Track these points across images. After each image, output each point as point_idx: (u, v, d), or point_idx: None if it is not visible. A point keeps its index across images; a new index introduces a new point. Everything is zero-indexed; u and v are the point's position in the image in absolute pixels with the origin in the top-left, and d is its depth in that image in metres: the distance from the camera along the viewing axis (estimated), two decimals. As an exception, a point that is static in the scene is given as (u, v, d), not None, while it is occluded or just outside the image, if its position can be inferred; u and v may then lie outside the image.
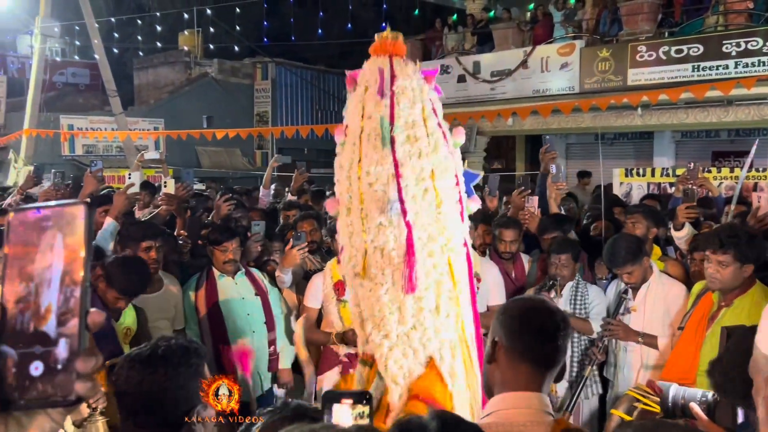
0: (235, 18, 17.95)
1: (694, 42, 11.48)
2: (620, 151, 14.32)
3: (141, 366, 1.74)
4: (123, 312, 3.34)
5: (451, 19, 15.84)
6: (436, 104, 2.08)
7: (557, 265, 4.12)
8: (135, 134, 15.52)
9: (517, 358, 1.71)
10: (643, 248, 3.95)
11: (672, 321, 3.83)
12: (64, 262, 0.66)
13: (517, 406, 1.66)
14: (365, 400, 1.44)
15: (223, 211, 4.62)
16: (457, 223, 2.05)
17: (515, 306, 1.85)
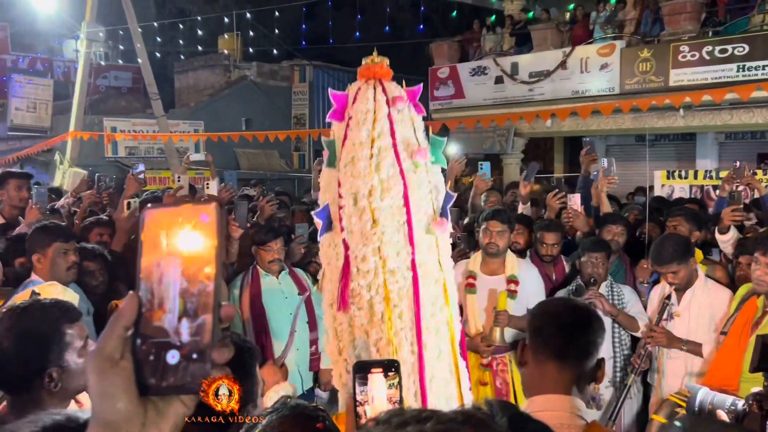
0: (274, 21, 18.15)
1: (739, 41, 11.23)
2: (662, 153, 14.10)
3: None
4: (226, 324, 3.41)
5: (489, 20, 15.77)
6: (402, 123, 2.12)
7: (593, 263, 4.09)
8: (176, 136, 15.79)
9: (541, 356, 1.74)
10: (690, 248, 3.89)
11: (717, 327, 3.76)
12: (197, 258, 0.70)
13: (547, 408, 1.67)
14: (394, 368, 1.45)
15: (267, 211, 4.69)
16: (399, 244, 2.02)
17: (539, 306, 1.89)
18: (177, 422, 0.73)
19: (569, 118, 12.37)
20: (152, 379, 0.70)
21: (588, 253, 4.13)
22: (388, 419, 0.67)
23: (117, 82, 23.41)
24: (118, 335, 0.70)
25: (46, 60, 22.90)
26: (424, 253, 2.07)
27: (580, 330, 1.75)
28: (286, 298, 4.13)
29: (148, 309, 0.70)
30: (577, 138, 15.36)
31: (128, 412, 0.69)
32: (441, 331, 2.10)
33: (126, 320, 0.70)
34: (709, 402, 1.86)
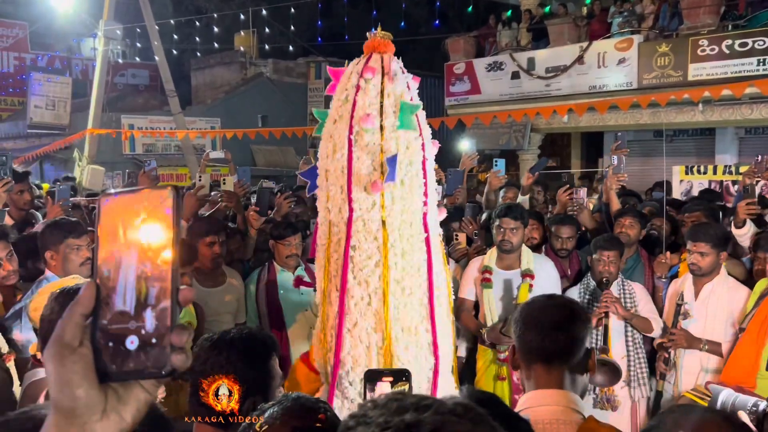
0: (290, 18, 18.18)
1: (760, 35, 11.08)
2: (680, 148, 13.95)
3: (209, 347, 1.81)
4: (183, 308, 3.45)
5: (505, 15, 15.68)
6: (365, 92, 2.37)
7: (605, 262, 4.05)
8: (193, 133, 15.89)
9: (527, 356, 1.77)
10: (727, 243, 3.87)
11: (734, 323, 3.72)
12: (155, 243, 0.71)
13: (542, 403, 1.69)
14: (404, 377, 1.47)
15: (284, 208, 4.71)
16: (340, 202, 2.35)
17: (520, 310, 1.89)
18: (139, 408, 0.73)
19: (586, 114, 12.28)
20: (112, 365, 0.70)
21: (600, 251, 4.08)
22: (386, 403, 0.66)
23: (134, 79, 23.62)
24: (76, 323, 0.70)
25: (65, 58, 23.15)
26: (364, 211, 2.28)
27: (559, 330, 1.76)
28: (301, 293, 4.14)
29: (107, 296, 0.71)
30: (594, 134, 15.26)
31: (88, 398, 0.69)
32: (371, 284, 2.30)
33: (84, 308, 0.71)
34: (731, 403, 1.85)
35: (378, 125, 2.31)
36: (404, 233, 2.32)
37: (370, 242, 2.29)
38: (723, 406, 1.87)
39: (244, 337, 1.84)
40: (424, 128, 2.45)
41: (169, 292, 0.71)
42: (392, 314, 2.28)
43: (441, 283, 2.44)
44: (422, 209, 2.38)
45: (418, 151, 2.36)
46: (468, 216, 4.90)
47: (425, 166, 2.40)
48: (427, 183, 2.40)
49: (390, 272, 2.29)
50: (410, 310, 2.31)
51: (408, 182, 2.32)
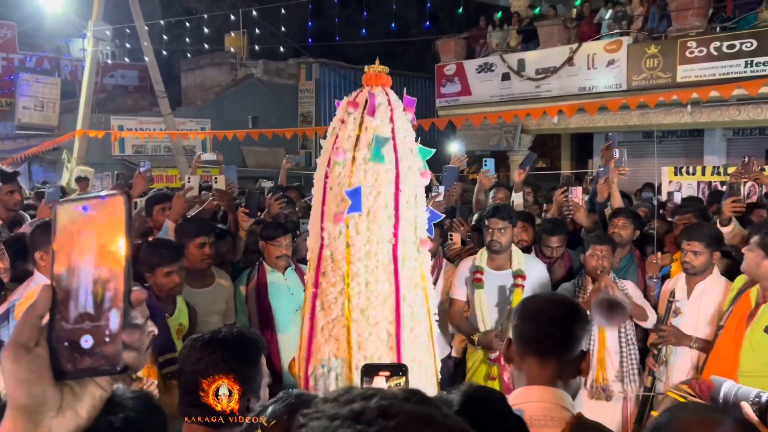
0: (280, 19, 18.14)
1: (747, 37, 11.18)
2: (669, 150, 14.05)
3: (201, 347, 1.82)
4: (177, 308, 3.44)
5: (495, 17, 15.73)
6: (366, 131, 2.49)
7: (599, 256, 4.08)
8: (183, 134, 15.84)
9: (522, 349, 1.78)
10: (721, 243, 3.91)
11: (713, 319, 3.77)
12: (108, 248, 0.75)
13: (532, 399, 1.70)
14: (401, 371, 1.48)
15: (275, 209, 4.70)
16: None
17: (520, 303, 1.93)
18: (94, 404, 0.76)
19: (576, 115, 12.34)
20: (68, 364, 0.74)
21: (593, 246, 4.12)
22: (337, 397, 0.70)
23: (124, 80, 23.51)
24: (32, 324, 0.74)
25: (54, 59, 23.00)
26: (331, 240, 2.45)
27: (557, 325, 1.77)
28: (291, 294, 4.12)
29: (64, 298, 0.74)
30: (583, 135, 15.34)
31: (44, 396, 0.72)
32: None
33: (40, 309, 0.74)
34: (733, 394, 1.87)
35: (350, 158, 2.45)
36: (369, 264, 2.41)
37: (336, 270, 2.42)
38: (725, 398, 1.86)
39: (236, 336, 1.85)
40: (408, 161, 2.51)
41: (122, 294, 0.74)
42: (354, 342, 2.39)
43: (419, 313, 2.49)
44: (390, 241, 2.44)
45: (388, 184, 2.43)
46: (458, 217, 4.91)
47: (398, 198, 2.45)
48: (398, 215, 2.45)
49: (353, 301, 2.40)
50: (375, 340, 2.40)
51: (374, 214, 2.41)
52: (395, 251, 2.43)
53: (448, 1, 19.43)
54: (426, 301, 2.55)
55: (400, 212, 2.45)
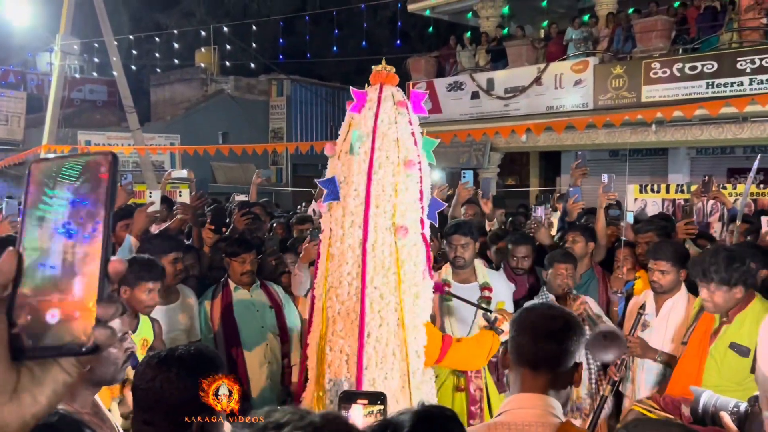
0: (251, 35, 18.15)
1: (709, 59, 11.47)
2: (635, 168, 14.28)
3: (157, 364, 1.79)
4: (140, 324, 3.38)
5: (465, 36, 15.93)
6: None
7: (564, 275, 4.13)
8: (152, 149, 15.69)
9: (517, 360, 1.81)
10: (687, 262, 3.94)
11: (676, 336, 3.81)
12: (85, 209, 0.65)
13: (523, 406, 1.73)
14: (379, 400, 1.49)
15: (240, 225, 4.67)
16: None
17: (519, 314, 1.95)
18: (56, 390, 0.65)
19: (544, 133, 12.52)
20: (29, 340, 0.63)
21: (556, 264, 4.16)
22: (252, 424, 0.66)
23: (92, 95, 23.24)
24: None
25: (20, 72, 22.65)
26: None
27: (552, 341, 1.79)
28: (257, 311, 4.10)
29: (30, 265, 0.65)
30: (552, 153, 15.55)
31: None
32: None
33: (3, 277, 0.64)
34: (712, 404, 1.90)
35: (337, 152, 2.76)
36: (342, 246, 2.66)
37: (323, 252, 2.75)
38: (705, 408, 1.90)
39: (193, 354, 1.82)
40: (387, 151, 2.67)
41: (98, 261, 0.64)
42: (329, 318, 2.66)
43: (388, 297, 2.59)
44: (360, 226, 2.62)
45: (359, 173, 2.65)
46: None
47: (369, 186, 2.61)
48: (368, 202, 2.61)
49: (328, 281, 2.67)
50: (343, 317, 2.64)
51: (345, 201, 2.69)
52: (365, 235, 2.59)
53: (418, 20, 19.63)
54: (398, 286, 2.60)
55: (371, 199, 2.60)
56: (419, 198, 2.73)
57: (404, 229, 2.62)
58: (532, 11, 16.08)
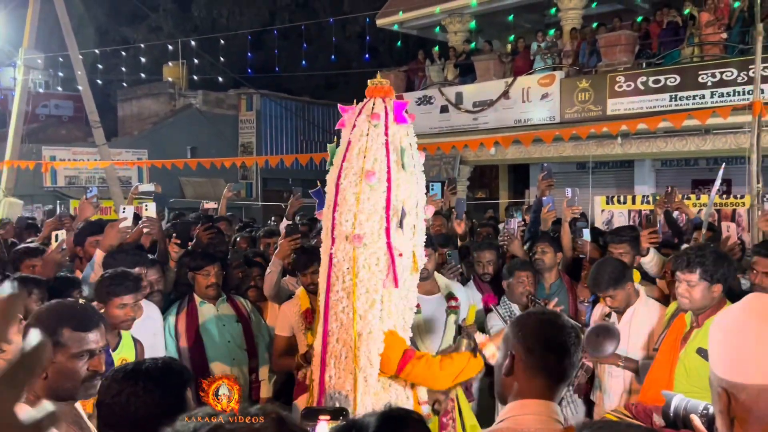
0: (220, 50, 18.08)
1: (672, 72, 11.72)
2: (602, 180, 14.48)
3: (122, 378, 1.75)
4: (121, 343, 3.30)
5: (433, 51, 16.07)
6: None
7: (525, 282, 4.17)
8: (118, 164, 15.47)
9: (535, 372, 1.78)
10: (627, 273, 3.97)
11: (648, 343, 3.84)
12: None
13: (529, 412, 1.73)
14: (341, 416, 1.47)
15: (203, 240, 4.61)
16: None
17: (532, 322, 1.86)
18: None
19: (512, 146, 12.64)
20: None
21: (517, 272, 4.22)
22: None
23: (58, 110, 22.92)
24: None
25: (-18, 88, 22.26)
26: None
27: (569, 351, 1.80)
28: (223, 325, 4.04)
29: None
30: (520, 166, 15.70)
31: None
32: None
33: None
34: (683, 407, 1.91)
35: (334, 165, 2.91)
36: (322, 252, 2.88)
37: None
38: (676, 411, 1.91)
39: (160, 366, 1.78)
40: (352, 162, 2.80)
41: None
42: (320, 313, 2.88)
43: (344, 302, 2.75)
44: (328, 233, 2.82)
45: (331, 182, 2.83)
46: None
47: (336, 195, 2.77)
48: (334, 210, 2.76)
49: (321, 303, 2.88)
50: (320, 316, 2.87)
51: (325, 210, 2.86)
52: (332, 243, 2.79)
53: (387, 35, 19.76)
54: (353, 292, 2.73)
55: (336, 208, 2.78)
56: (385, 208, 2.74)
57: (358, 237, 2.72)
58: (498, 26, 16.29)
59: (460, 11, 15.44)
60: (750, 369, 1.21)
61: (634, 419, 2.73)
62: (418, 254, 2.90)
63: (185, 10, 25.11)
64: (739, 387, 1.22)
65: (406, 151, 2.82)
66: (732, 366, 1.24)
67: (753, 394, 1.20)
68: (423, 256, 2.98)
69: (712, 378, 1.30)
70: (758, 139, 7.30)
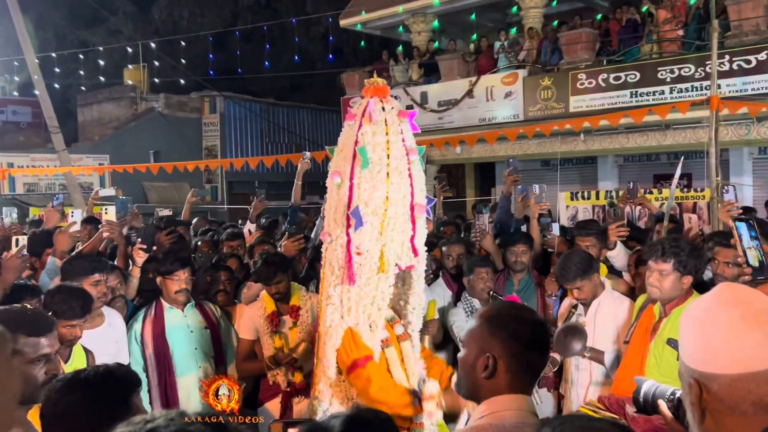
0: (181, 52, 17.84)
1: (631, 69, 11.90)
2: (566, 176, 14.64)
3: (60, 389, 1.69)
4: (72, 354, 3.22)
5: (397, 51, 16.08)
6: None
7: (485, 278, 4.21)
8: (77, 170, 15.15)
9: (520, 373, 1.78)
10: (594, 264, 4.01)
11: (619, 336, 3.88)
12: None
13: (509, 407, 1.74)
14: None
15: (165, 245, 4.53)
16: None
17: (512, 324, 1.83)
18: None
19: (478, 145, 12.71)
20: None
21: (477, 269, 4.25)
22: None
23: (15, 116, 22.39)
24: None
25: (-64, 94, 21.64)
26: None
27: (548, 347, 1.87)
28: (191, 332, 3.96)
29: None
30: (487, 164, 15.80)
31: None
32: None
33: None
34: (652, 393, 1.92)
35: None
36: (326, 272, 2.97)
37: None
38: (645, 396, 1.92)
39: (101, 374, 1.71)
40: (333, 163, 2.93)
41: None
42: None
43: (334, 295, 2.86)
44: None
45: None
46: None
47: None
48: None
49: None
50: None
51: None
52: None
53: (351, 35, 19.72)
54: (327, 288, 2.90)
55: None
56: (345, 207, 2.81)
57: (326, 235, 2.89)
58: (461, 25, 16.35)
59: (422, 11, 15.46)
60: (722, 359, 1.20)
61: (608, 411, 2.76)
62: (389, 254, 2.82)
63: (145, 12, 24.72)
64: (711, 377, 1.21)
65: (368, 149, 2.80)
66: (704, 356, 1.23)
67: (725, 384, 1.19)
68: (404, 257, 2.87)
69: (682, 369, 1.30)
70: (716, 133, 7.45)
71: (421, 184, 2.97)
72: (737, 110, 9.43)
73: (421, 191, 2.95)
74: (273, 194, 15.35)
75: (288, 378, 3.93)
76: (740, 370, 1.18)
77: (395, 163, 2.85)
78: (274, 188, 16.70)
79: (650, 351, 3.31)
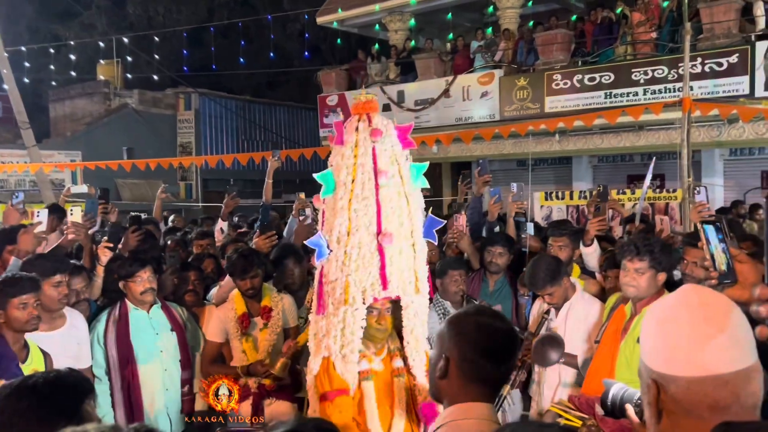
0: (156, 48, 17.61)
1: (606, 70, 11.99)
2: (541, 176, 14.72)
3: (6, 395, 1.63)
4: (30, 354, 3.13)
5: (374, 49, 16.04)
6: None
7: (459, 281, 4.20)
8: (48, 166, 14.88)
9: (470, 379, 1.75)
10: (562, 269, 4.01)
11: (590, 336, 3.89)
12: None
13: (470, 416, 1.71)
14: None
15: (132, 243, 4.43)
16: None
17: (469, 327, 1.80)
18: None
19: (454, 144, 12.72)
20: None
21: (450, 271, 4.23)
22: None
23: (-16, 111, 21.94)
24: None
25: None
26: None
27: (505, 358, 1.78)
28: (156, 334, 3.87)
29: None
30: (463, 164, 15.83)
31: None
32: None
33: None
34: (620, 397, 1.93)
35: None
36: None
37: None
38: (613, 399, 1.94)
39: (51, 380, 1.65)
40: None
41: None
42: None
43: None
44: None
45: None
46: None
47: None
48: None
49: None
50: None
51: None
52: None
53: (328, 33, 19.64)
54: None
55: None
56: (319, 227, 2.88)
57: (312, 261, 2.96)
58: (438, 24, 16.36)
59: (399, 9, 15.44)
60: (681, 361, 1.19)
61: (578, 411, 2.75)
62: (354, 285, 2.67)
63: (120, 7, 24.39)
64: (669, 379, 1.21)
65: (332, 172, 2.78)
66: (664, 357, 1.22)
67: (682, 386, 1.19)
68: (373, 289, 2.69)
69: (642, 369, 1.29)
70: (688, 134, 7.52)
71: (398, 209, 2.74)
72: (709, 112, 9.54)
73: (397, 216, 2.73)
74: (248, 192, 15.24)
75: (259, 381, 3.86)
76: (698, 374, 1.17)
77: (359, 189, 2.71)
78: (250, 186, 16.58)
79: (621, 350, 3.32)
